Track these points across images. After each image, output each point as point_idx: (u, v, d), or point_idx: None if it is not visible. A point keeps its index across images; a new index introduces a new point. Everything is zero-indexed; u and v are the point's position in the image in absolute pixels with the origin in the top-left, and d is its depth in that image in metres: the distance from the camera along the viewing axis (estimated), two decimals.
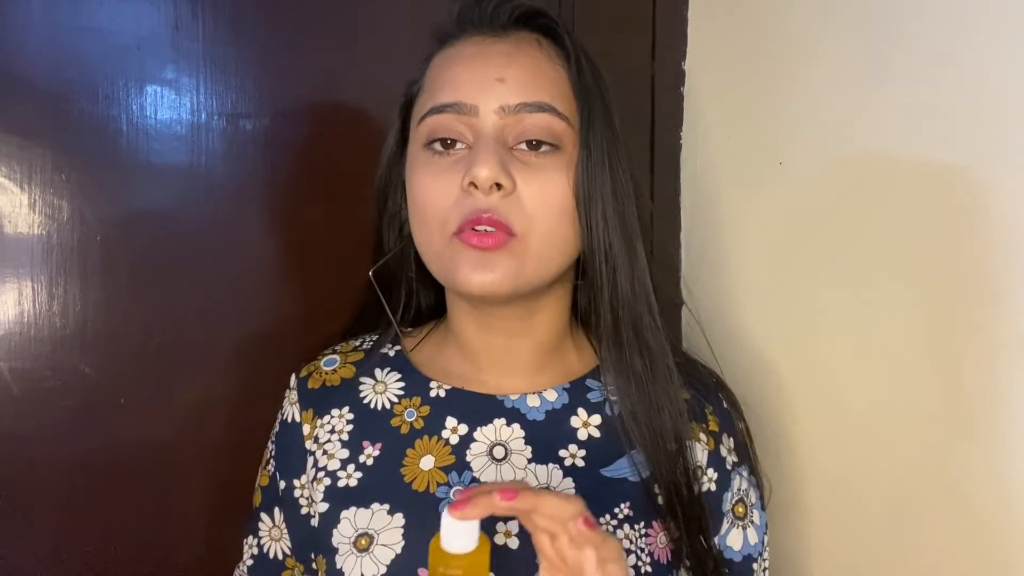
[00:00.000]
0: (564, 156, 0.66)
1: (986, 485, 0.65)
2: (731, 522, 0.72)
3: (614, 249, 0.67)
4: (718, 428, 0.74)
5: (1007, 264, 0.63)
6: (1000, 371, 0.64)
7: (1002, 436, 0.64)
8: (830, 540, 0.81)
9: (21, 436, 0.82)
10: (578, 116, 0.67)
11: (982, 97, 0.64)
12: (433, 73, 0.69)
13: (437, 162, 0.66)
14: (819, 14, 0.80)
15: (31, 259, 0.82)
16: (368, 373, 0.74)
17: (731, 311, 0.94)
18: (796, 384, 0.85)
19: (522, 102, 0.64)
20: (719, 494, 0.72)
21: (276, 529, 0.73)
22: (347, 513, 0.68)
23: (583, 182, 0.65)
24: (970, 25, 0.65)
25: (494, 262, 0.63)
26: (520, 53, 0.67)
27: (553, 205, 0.65)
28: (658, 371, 0.69)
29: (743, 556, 0.72)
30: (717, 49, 0.97)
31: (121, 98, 0.84)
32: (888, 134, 0.72)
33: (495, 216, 0.63)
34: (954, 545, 0.68)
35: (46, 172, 0.82)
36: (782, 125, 0.86)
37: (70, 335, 0.83)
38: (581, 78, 0.67)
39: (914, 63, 0.69)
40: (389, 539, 0.66)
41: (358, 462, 0.70)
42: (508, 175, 0.63)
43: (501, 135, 0.65)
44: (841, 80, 0.77)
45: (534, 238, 0.64)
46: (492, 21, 0.69)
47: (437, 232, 0.65)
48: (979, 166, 0.64)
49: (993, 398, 0.64)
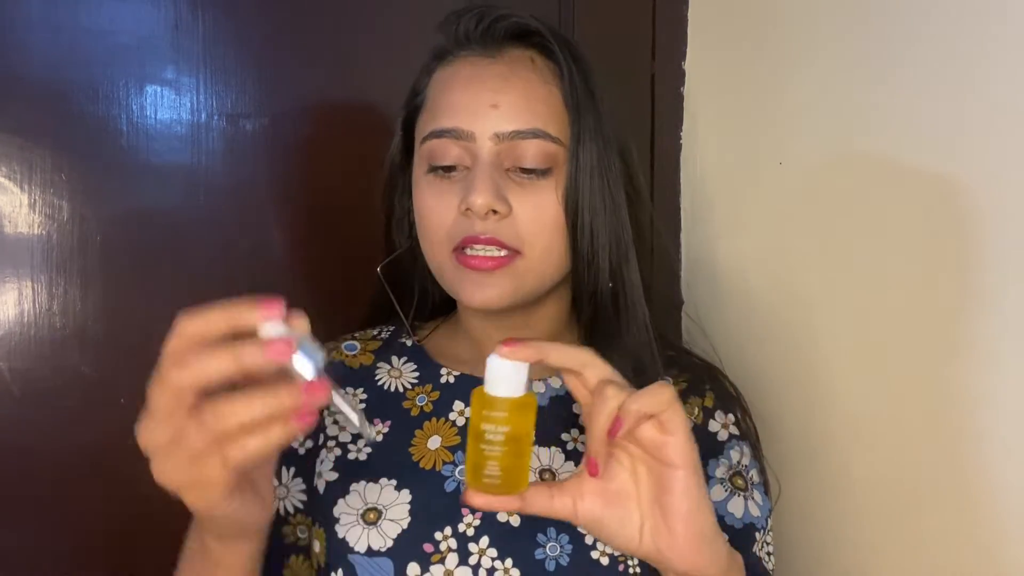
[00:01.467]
0: (556, 173, 0.69)
1: (986, 485, 0.65)
2: (729, 491, 0.73)
3: (599, 259, 0.69)
4: (713, 405, 0.76)
5: (1006, 264, 0.63)
6: (999, 370, 0.64)
7: (1000, 436, 0.64)
8: (830, 539, 0.81)
9: (20, 436, 0.82)
10: (569, 132, 0.69)
11: (981, 97, 0.64)
12: (434, 92, 0.72)
13: (437, 183, 0.69)
14: (819, 14, 0.80)
15: (31, 259, 0.82)
16: (385, 360, 0.77)
17: (731, 311, 0.94)
18: (796, 384, 0.85)
19: (515, 129, 0.67)
20: (702, 461, 0.73)
21: (283, 488, 0.73)
22: (357, 486, 0.69)
23: (571, 196, 0.68)
24: (970, 26, 0.65)
25: (493, 282, 0.67)
26: (514, 76, 0.69)
27: (548, 223, 0.68)
28: (638, 374, 0.70)
29: (744, 524, 0.72)
30: (717, 49, 0.97)
31: (121, 98, 0.84)
32: (887, 134, 0.72)
33: (492, 236, 0.66)
34: (954, 545, 0.68)
35: (46, 172, 0.82)
36: (782, 125, 0.86)
37: (70, 335, 0.83)
38: (573, 94, 0.70)
39: (913, 64, 0.69)
40: (396, 514, 0.67)
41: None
42: (503, 200, 0.67)
43: (497, 160, 0.68)
44: (841, 80, 0.77)
45: (531, 256, 0.68)
46: (486, 38, 0.71)
47: (439, 247, 0.69)
48: (979, 166, 0.64)
49: (992, 398, 0.64)
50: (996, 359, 0.64)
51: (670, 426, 0.53)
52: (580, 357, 0.55)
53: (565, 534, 0.67)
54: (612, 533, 0.56)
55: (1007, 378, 0.63)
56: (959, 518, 0.67)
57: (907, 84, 0.70)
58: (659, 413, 0.53)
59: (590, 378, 0.55)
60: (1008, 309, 0.63)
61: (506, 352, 0.53)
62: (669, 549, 0.54)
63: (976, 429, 0.66)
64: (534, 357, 0.53)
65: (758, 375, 0.88)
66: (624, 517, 0.56)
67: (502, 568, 0.66)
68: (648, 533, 0.55)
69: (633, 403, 0.52)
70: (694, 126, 1.01)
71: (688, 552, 0.54)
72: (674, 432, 0.53)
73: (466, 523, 0.67)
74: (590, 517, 0.56)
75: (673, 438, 0.53)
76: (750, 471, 0.75)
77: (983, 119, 0.64)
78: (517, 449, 0.54)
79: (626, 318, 0.71)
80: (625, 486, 0.56)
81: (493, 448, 0.54)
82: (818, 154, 0.81)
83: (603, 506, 0.56)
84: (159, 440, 0.48)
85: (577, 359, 0.55)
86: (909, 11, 0.70)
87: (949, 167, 0.67)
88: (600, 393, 0.53)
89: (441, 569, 0.66)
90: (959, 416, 0.67)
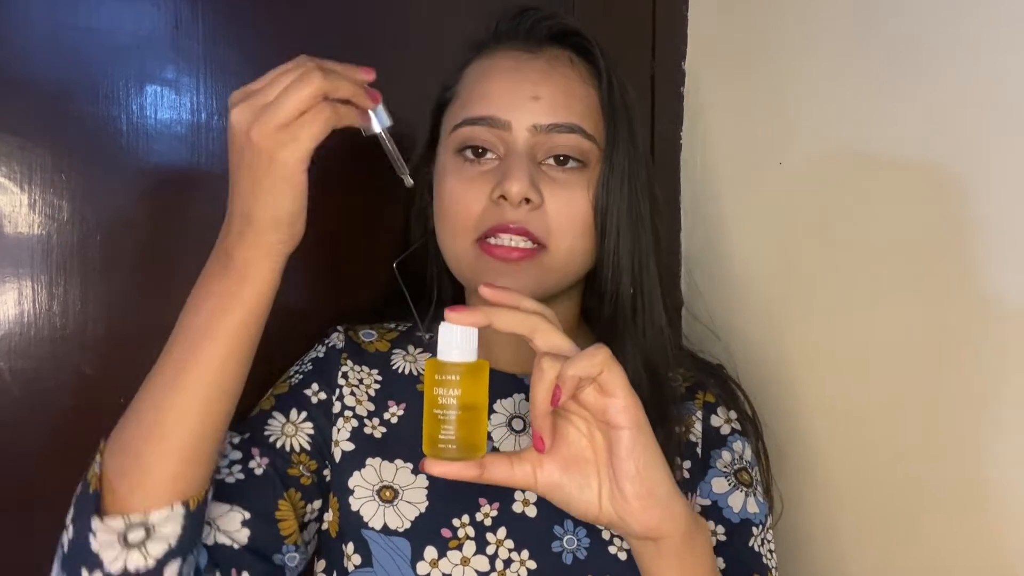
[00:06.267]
0: (588, 172, 0.69)
1: (987, 485, 0.65)
2: (733, 484, 0.73)
3: (622, 263, 0.70)
4: (715, 400, 0.77)
5: (1006, 263, 0.63)
6: (1001, 369, 0.64)
7: (1000, 436, 0.64)
8: (834, 538, 0.81)
9: (21, 436, 0.82)
10: (604, 135, 0.70)
11: (981, 97, 0.64)
12: (468, 83, 0.72)
13: (468, 169, 0.69)
14: (819, 14, 0.80)
15: (31, 259, 0.82)
16: (402, 347, 0.78)
17: (731, 311, 0.94)
18: (797, 383, 0.85)
19: (554, 123, 0.68)
20: (704, 453, 0.74)
21: (291, 425, 0.72)
22: (372, 461, 0.70)
23: (602, 196, 0.69)
24: (969, 25, 0.65)
25: (518, 273, 0.67)
26: (554, 72, 0.70)
27: (577, 219, 0.69)
28: (652, 376, 0.71)
29: (741, 519, 0.72)
30: (717, 49, 0.97)
31: (121, 98, 0.84)
32: (887, 134, 0.72)
33: (522, 226, 0.67)
34: (956, 544, 0.68)
35: (46, 172, 0.82)
36: (782, 125, 0.86)
37: (70, 335, 0.83)
38: (611, 99, 0.71)
39: (913, 63, 0.69)
40: (414, 497, 0.69)
41: (382, 418, 0.73)
42: (537, 191, 0.67)
43: (531, 151, 0.68)
44: (841, 80, 0.77)
45: (556, 252, 0.68)
46: (528, 36, 0.72)
47: (460, 235, 0.69)
48: (979, 166, 0.64)
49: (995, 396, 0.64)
50: (996, 359, 0.64)
51: (609, 387, 0.53)
52: (529, 322, 0.55)
53: (583, 527, 0.68)
54: (573, 500, 0.56)
55: (1007, 378, 0.63)
56: (960, 518, 0.67)
57: (907, 84, 0.70)
58: (597, 375, 0.53)
59: (540, 345, 0.55)
60: (1008, 309, 0.63)
61: (454, 317, 0.54)
62: (623, 512, 0.55)
63: (976, 429, 0.66)
64: (483, 322, 0.54)
65: (758, 374, 0.88)
66: (583, 483, 0.56)
67: (518, 560, 0.67)
68: (606, 498, 0.55)
69: (568, 368, 0.52)
70: (694, 126, 1.01)
71: (639, 512, 0.55)
72: (613, 393, 0.53)
73: (483, 512, 0.68)
74: (550, 484, 0.56)
75: (613, 399, 0.54)
76: (755, 470, 0.75)
77: (983, 119, 0.64)
78: (471, 416, 0.55)
79: (643, 321, 0.72)
80: (583, 452, 0.56)
81: (447, 413, 0.54)
82: (818, 154, 0.81)
83: (561, 472, 0.56)
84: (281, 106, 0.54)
85: (526, 324, 0.55)
86: (909, 11, 0.70)
87: (949, 167, 0.67)
88: (537, 366, 0.54)
89: (458, 555, 0.67)
90: (959, 416, 0.67)
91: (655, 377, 0.70)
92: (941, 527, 0.69)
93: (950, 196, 0.67)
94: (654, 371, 0.71)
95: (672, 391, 0.72)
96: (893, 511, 0.74)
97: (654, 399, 0.67)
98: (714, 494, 0.72)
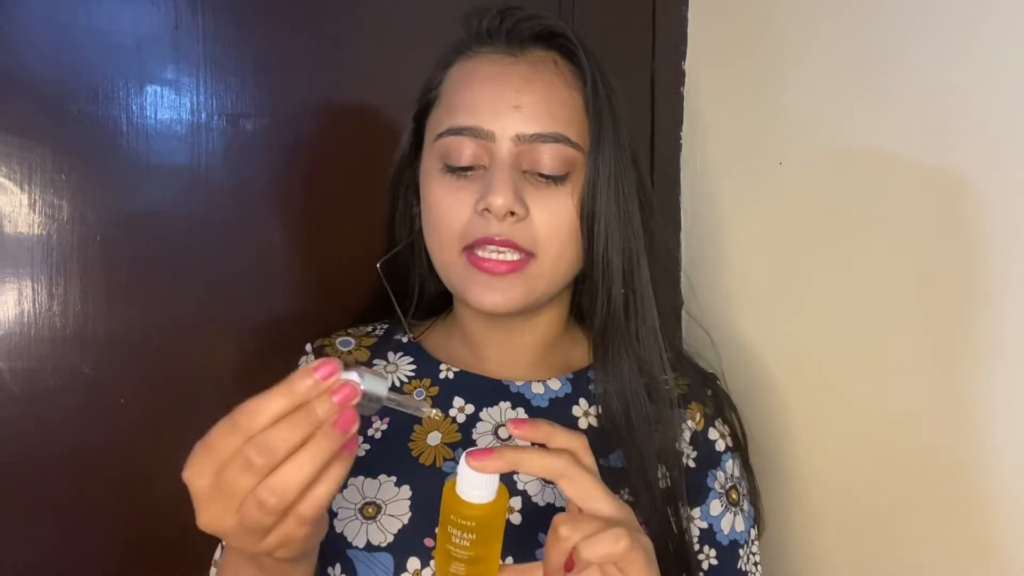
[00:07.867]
0: (574, 177, 0.68)
1: (985, 485, 0.65)
2: (725, 506, 0.73)
3: (612, 266, 0.69)
4: (713, 412, 0.77)
5: (1005, 263, 0.63)
6: (999, 370, 0.64)
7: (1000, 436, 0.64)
8: (830, 540, 0.81)
9: (21, 436, 0.82)
10: (589, 137, 0.69)
11: (980, 97, 0.64)
12: (451, 87, 0.71)
13: (453, 181, 0.68)
14: (818, 14, 0.80)
15: (31, 259, 0.82)
16: (381, 356, 0.77)
17: (731, 311, 0.94)
18: (796, 383, 0.85)
19: (537, 132, 0.67)
20: (701, 470, 0.74)
21: None
22: (355, 480, 0.69)
23: (587, 201, 0.68)
24: (968, 26, 0.65)
25: (503, 286, 0.67)
26: (537, 77, 0.68)
27: (564, 227, 0.68)
28: (646, 380, 0.71)
29: (730, 540, 0.73)
30: (717, 49, 0.97)
31: (121, 98, 0.84)
32: (887, 134, 0.72)
33: (508, 238, 0.66)
34: (954, 545, 0.68)
35: (46, 172, 0.82)
36: (782, 125, 0.86)
37: (70, 335, 0.83)
38: (596, 101, 0.69)
39: (913, 64, 0.69)
40: (396, 510, 0.67)
41: (366, 435, 0.72)
42: (522, 203, 0.66)
43: (516, 161, 0.67)
44: (841, 80, 0.77)
45: (545, 260, 0.68)
46: (510, 38, 0.70)
47: (447, 245, 0.69)
48: (978, 165, 0.64)
49: (991, 398, 0.64)
50: (996, 358, 0.64)
51: (629, 570, 0.52)
52: (557, 466, 0.53)
53: None
54: None
55: (1007, 377, 0.63)
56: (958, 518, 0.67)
57: (907, 84, 0.70)
58: (616, 560, 0.52)
59: (566, 492, 0.54)
60: (1008, 308, 0.63)
61: (476, 465, 0.52)
62: None
63: (976, 429, 0.66)
64: (504, 469, 0.53)
65: (757, 375, 0.88)
66: None
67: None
68: None
69: (586, 551, 0.51)
70: (694, 126, 1.01)
71: None
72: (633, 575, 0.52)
73: None
74: None
75: None
76: (742, 482, 0.76)
77: (983, 118, 0.64)
78: (484, 551, 0.54)
79: (636, 324, 0.71)
80: None
81: (459, 553, 0.54)
82: (818, 154, 0.81)
83: None
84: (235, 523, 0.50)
85: (554, 469, 0.54)
86: (909, 11, 0.70)
87: (949, 166, 0.67)
88: (554, 530, 0.53)
89: None
90: (960, 416, 0.67)
91: (648, 380, 0.70)
92: (939, 529, 0.69)
93: (950, 195, 0.67)
94: (647, 374, 0.70)
95: (664, 395, 0.71)
96: (880, 518, 0.74)
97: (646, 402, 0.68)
98: (710, 517, 0.73)
